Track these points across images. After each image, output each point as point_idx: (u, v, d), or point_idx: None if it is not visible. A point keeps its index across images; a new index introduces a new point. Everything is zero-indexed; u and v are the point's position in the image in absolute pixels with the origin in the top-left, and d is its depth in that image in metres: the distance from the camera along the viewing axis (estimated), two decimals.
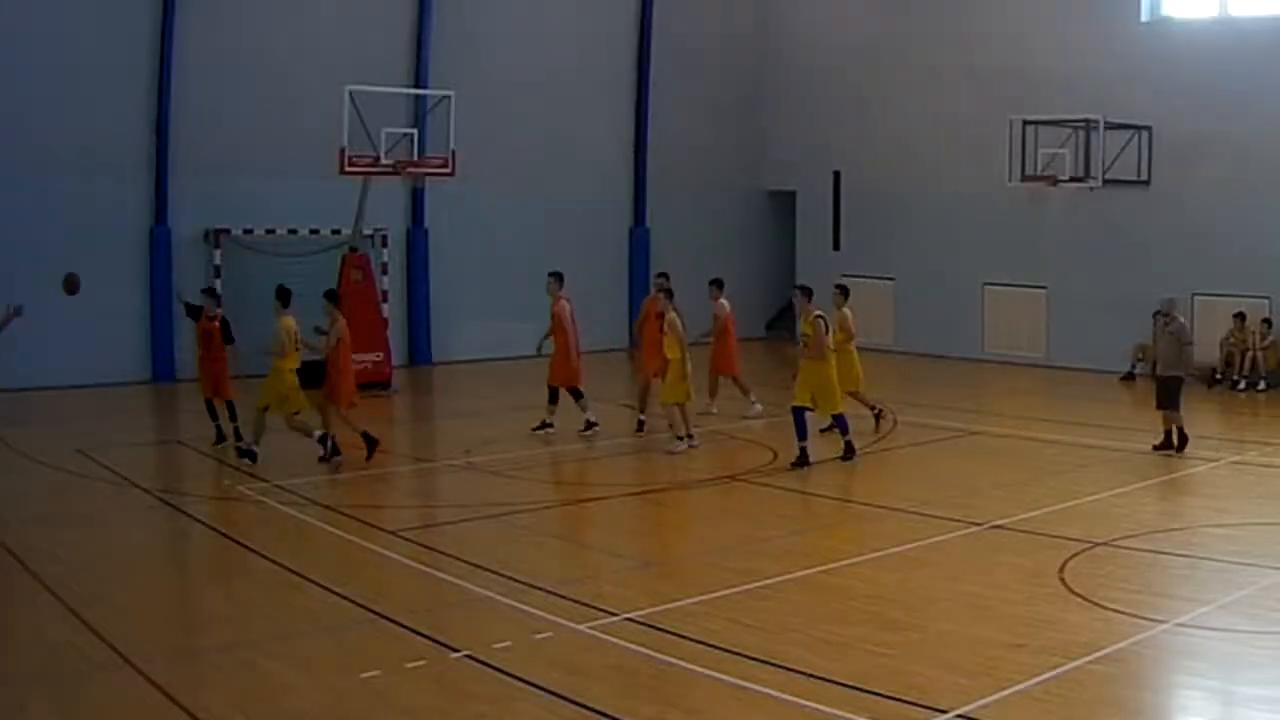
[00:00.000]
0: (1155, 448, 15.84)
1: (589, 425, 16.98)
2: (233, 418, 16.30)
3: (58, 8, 20.86)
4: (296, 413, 15.05)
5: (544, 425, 17.11)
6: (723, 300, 18.60)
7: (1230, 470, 15.18)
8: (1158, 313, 16.88)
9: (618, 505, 13.44)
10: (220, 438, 16.34)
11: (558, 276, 17.25)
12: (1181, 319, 16.22)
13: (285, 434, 17.33)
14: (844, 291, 17.75)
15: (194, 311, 16.64)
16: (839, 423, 15.56)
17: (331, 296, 15.94)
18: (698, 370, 16.59)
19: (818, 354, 15.05)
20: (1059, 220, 24.23)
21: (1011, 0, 24.96)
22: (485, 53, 24.97)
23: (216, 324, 16.40)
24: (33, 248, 20.19)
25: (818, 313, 15.19)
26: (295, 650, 8.84)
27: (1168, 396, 15.81)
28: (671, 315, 15.96)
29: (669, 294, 16.57)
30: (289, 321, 14.99)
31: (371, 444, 15.23)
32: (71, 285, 14.32)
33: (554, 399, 17.13)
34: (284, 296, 15.19)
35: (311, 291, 22.06)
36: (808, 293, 15.61)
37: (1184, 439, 15.81)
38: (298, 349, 15.05)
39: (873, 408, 17.75)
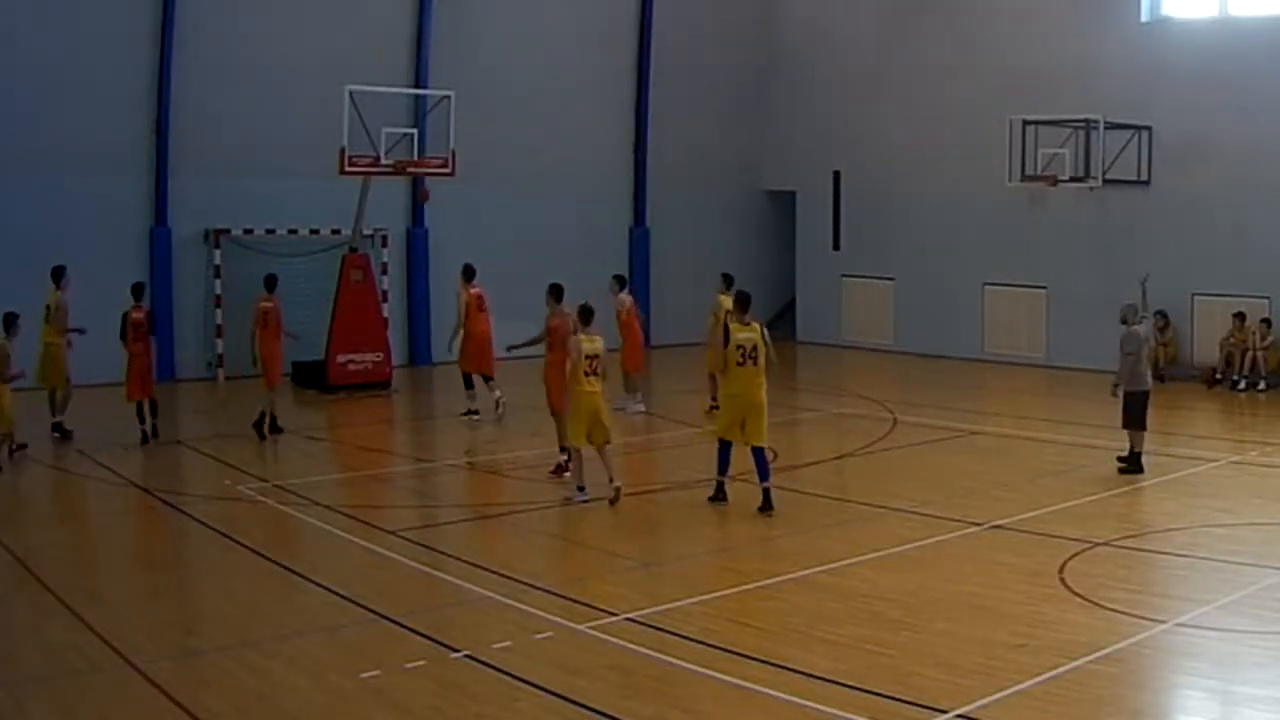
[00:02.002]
0: (1119, 460, 14.78)
1: (498, 404, 18.17)
2: (154, 414, 16.70)
3: (58, 7, 20.86)
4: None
5: (469, 412, 18.47)
6: (621, 296, 19.59)
7: (1230, 470, 15.17)
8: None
9: (618, 505, 13.42)
10: (147, 438, 16.57)
11: (466, 270, 18.87)
12: (1134, 326, 14.92)
13: (285, 435, 17.33)
14: (727, 281, 18.58)
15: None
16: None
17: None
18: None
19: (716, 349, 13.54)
20: (1059, 220, 24.23)
21: (1011, 0, 24.97)
22: (485, 53, 24.96)
23: (144, 316, 16.87)
24: (32, 247, 20.17)
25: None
26: (295, 650, 8.84)
27: (1124, 413, 14.80)
28: (575, 338, 13.34)
29: (557, 293, 14.75)
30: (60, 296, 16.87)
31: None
32: None
33: (469, 384, 18.67)
34: (57, 275, 17.08)
35: (312, 291, 22.30)
36: (737, 297, 13.71)
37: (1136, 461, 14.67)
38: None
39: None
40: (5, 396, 14.94)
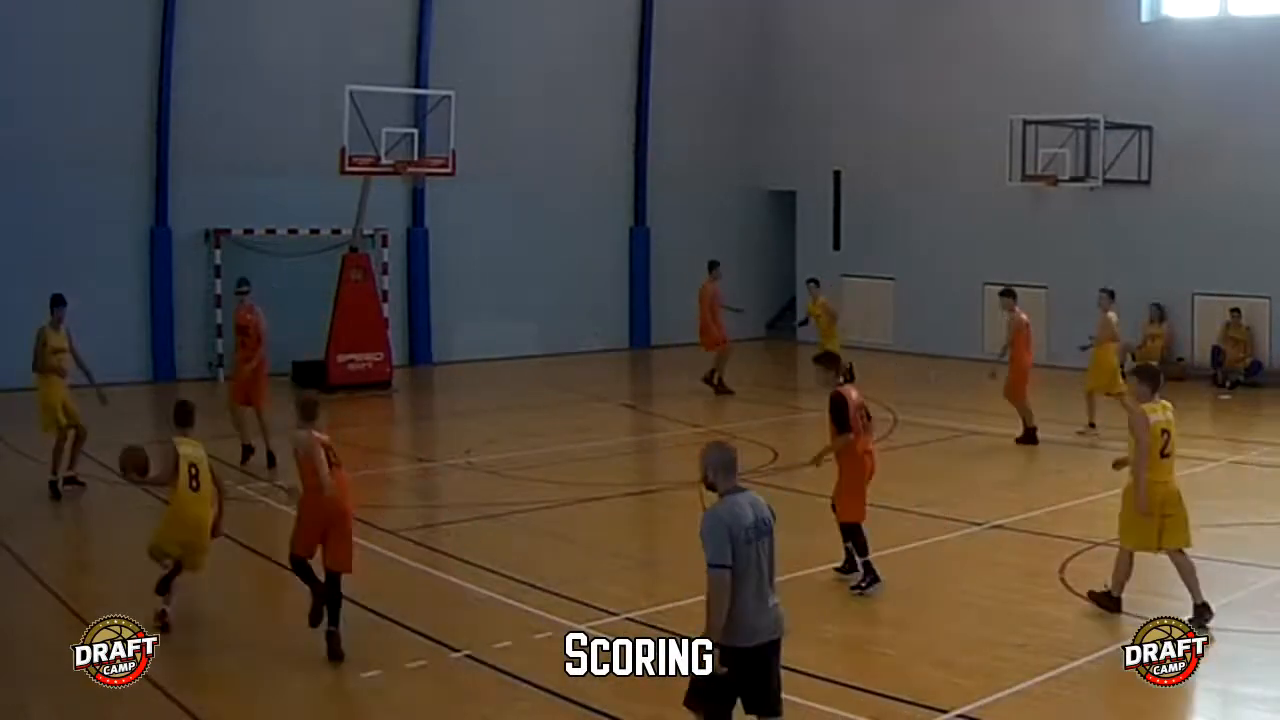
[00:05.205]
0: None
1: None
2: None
3: (57, 7, 20.86)
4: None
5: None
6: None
7: (1230, 470, 15.17)
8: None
9: (618, 505, 13.44)
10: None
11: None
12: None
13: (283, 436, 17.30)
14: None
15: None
16: None
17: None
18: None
19: None
20: (1059, 220, 24.22)
21: (1012, 0, 24.97)
22: (485, 53, 24.95)
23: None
24: (32, 247, 20.20)
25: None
26: (295, 650, 8.83)
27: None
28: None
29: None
30: None
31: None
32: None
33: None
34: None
35: (312, 291, 22.31)
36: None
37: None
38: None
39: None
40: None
